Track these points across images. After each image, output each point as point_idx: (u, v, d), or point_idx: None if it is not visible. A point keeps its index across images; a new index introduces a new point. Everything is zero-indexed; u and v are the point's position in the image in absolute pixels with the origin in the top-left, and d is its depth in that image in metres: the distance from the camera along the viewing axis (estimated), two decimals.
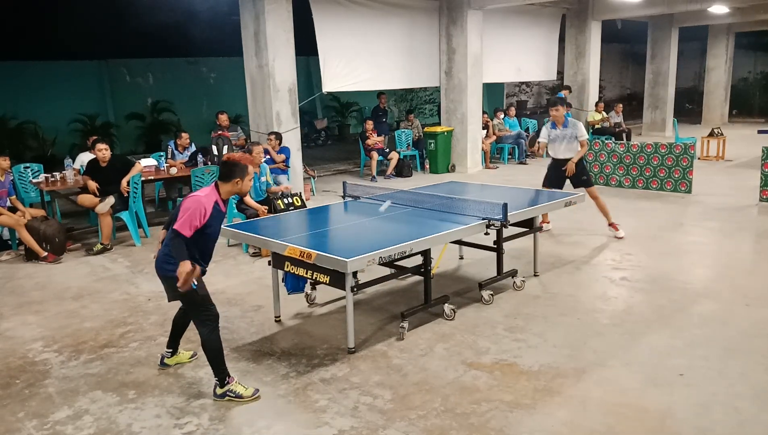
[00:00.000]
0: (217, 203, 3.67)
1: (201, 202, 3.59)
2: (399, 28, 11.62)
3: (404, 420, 3.48)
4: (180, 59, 16.74)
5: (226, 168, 3.77)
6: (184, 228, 3.52)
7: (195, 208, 3.55)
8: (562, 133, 7.16)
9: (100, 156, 7.30)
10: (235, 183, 3.73)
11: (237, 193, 3.81)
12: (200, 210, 3.57)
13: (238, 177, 3.72)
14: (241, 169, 3.74)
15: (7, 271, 6.62)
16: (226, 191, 3.76)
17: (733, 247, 6.73)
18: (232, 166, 3.74)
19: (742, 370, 3.93)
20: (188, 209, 3.56)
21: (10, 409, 3.76)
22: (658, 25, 17.45)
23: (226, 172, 3.75)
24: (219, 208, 3.70)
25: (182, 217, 3.55)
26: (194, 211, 3.55)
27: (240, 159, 3.76)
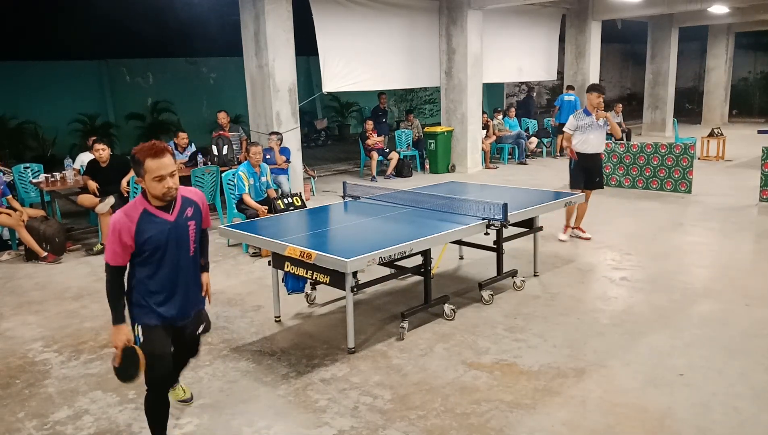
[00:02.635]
0: (147, 212, 2.89)
1: (120, 218, 2.84)
2: (399, 28, 11.63)
3: (404, 420, 3.48)
4: (180, 59, 16.74)
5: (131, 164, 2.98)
6: (107, 256, 2.87)
7: (111, 231, 2.84)
8: (597, 124, 6.80)
9: (99, 156, 7.31)
10: (140, 182, 2.89)
11: (151, 195, 2.88)
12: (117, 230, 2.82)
13: (138, 174, 2.87)
14: (136, 164, 2.84)
15: (7, 271, 6.62)
16: (148, 194, 2.91)
17: (733, 247, 6.73)
18: (131, 160, 2.89)
19: (742, 370, 3.93)
20: (109, 230, 2.88)
21: (10, 409, 3.76)
22: (658, 25, 17.45)
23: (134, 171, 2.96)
24: (152, 215, 2.90)
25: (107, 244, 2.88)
26: (111, 235, 2.84)
27: (135, 150, 2.85)
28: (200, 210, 3.10)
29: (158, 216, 2.91)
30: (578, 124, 6.81)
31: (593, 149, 6.85)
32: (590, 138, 6.78)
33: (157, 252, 2.91)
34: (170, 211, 2.94)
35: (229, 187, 7.35)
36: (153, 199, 2.89)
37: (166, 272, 2.98)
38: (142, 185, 2.88)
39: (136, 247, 2.86)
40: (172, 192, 2.88)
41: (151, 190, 2.85)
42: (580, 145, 6.87)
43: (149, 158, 2.79)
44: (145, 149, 2.82)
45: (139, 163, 2.81)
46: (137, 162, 2.82)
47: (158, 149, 2.81)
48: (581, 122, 6.79)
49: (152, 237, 2.87)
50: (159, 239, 2.89)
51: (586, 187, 6.97)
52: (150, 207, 2.90)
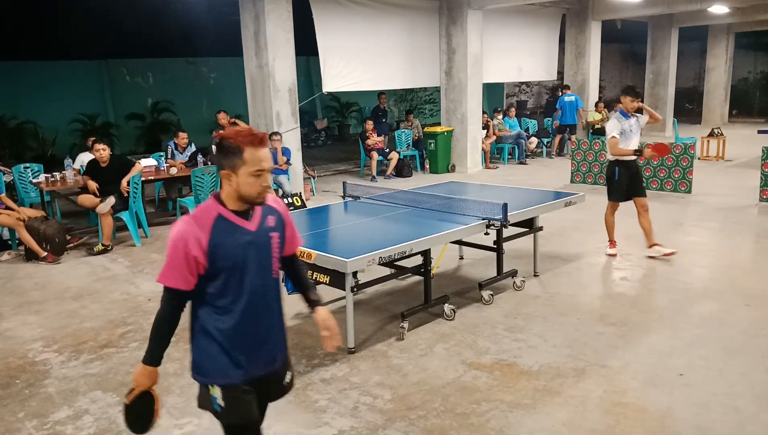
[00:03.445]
0: (222, 218, 2.20)
1: (185, 225, 2.17)
2: (399, 28, 11.63)
3: (404, 420, 3.48)
4: (180, 59, 16.75)
5: (214, 155, 2.37)
6: (164, 277, 2.20)
7: (172, 245, 2.17)
8: (637, 124, 6.19)
9: (99, 156, 7.30)
10: (226, 177, 2.18)
11: (238, 195, 2.19)
12: (183, 240, 2.15)
13: (227, 167, 2.16)
14: (229, 152, 2.15)
15: (7, 271, 6.62)
16: (228, 194, 2.21)
17: (733, 247, 6.73)
18: (218, 149, 2.20)
19: (742, 370, 3.93)
20: (168, 246, 2.21)
21: (10, 409, 3.76)
22: (658, 25, 17.45)
23: (216, 165, 2.39)
24: (229, 222, 2.20)
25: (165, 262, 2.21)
26: (172, 250, 2.17)
27: (229, 135, 2.17)
28: (283, 220, 2.38)
29: (237, 224, 2.20)
30: (623, 128, 6.11)
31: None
32: (631, 143, 6.16)
33: (235, 273, 2.20)
34: (249, 217, 2.24)
35: None
36: (234, 201, 2.20)
37: (247, 302, 2.24)
38: (227, 181, 2.18)
39: (208, 264, 2.16)
40: (267, 192, 2.24)
41: (243, 188, 2.16)
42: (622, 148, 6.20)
43: (251, 147, 2.13)
44: (245, 135, 2.15)
45: (236, 152, 2.13)
46: (233, 150, 2.13)
47: (261, 136, 2.18)
48: (624, 125, 6.12)
49: (230, 252, 2.17)
50: (237, 255, 2.19)
51: (636, 195, 6.27)
52: (226, 211, 2.20)
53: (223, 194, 2.22)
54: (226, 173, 2.17)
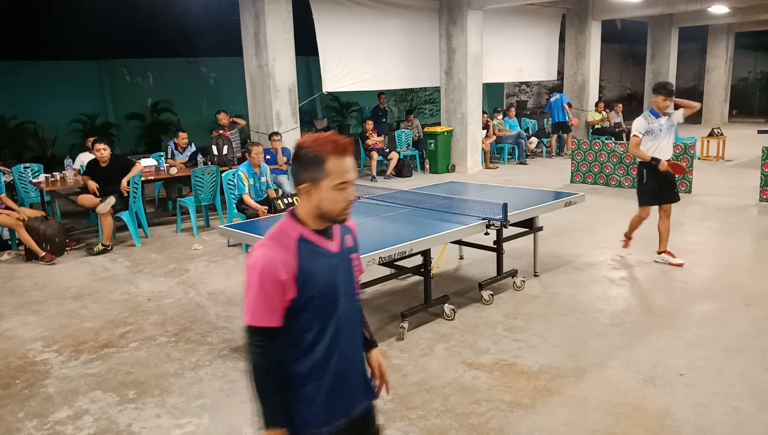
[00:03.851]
0: (304, 239, 1.91)
1: (268, 249, 1.86)
2: (399, 28, 11.63)
3: (404, 420, 3.48)
4: (180, 59, 16.74)
5: (291, 167, 1.98)
6: (255, 316, 1.85)
7: (258, 273, 1.83)
8: (667, 124, 5.82)
9: (99, 156, 7.30)
10: (306, 191, 1.89)
11: (320, 212, 1.90)
12: (270, 267, 1.83)
13: (307, 180, 1.88)
14: (310, 163, 1.87)
15: (7, 271, 6.62)
16: (308, 211, 1.92)
17: (733, 247, 6.73)
18: (296, 159, 1.91)
19: (742, 370, 3.93)
20: (250, 278, 1.86)
21: (10, 409, 3.76)
22: (658, 25, 17.46)
23: (293, 178, 1.97)
24: (312, 244, 1.92)
25: (246, 300, 1.87)
26: (260, 279, 1.83)
27: (309, 143, 1.88)
28: (356, 239, 2.11)
29: (320, 245, 1.93)
30: (650, 127, 5.79)
31: (666, 155, 5.86)
32: (663, 143, 5.81)
33: (323, 303, 1.91)
34: (331, 237, 1.97)
35: (229, 187, 7.36)
36: (314, 219, 1.92)
37: (335, 337, 1.95)
38: (307, 196, 1.89)
39: (297, 294, 1.85)
40: (352, 208, 1.96)
41: (325, 203, 1.88)
42: (653, 154, 5.83)
43: (334, 156, 1.85)
44: (328, 142, 1.86)
45: (317, 163, 1.85)
46: (313, 160, 1.85)
47: (346, 144, 1.88)
48: (653, 125, 5.78)
49: (318, 277, 1.88)
50: (326, 281, 1.91)
51: (663, 201, 6.02)
52: (307, 231, 1.92)
53: (300, 211, 1.93)
54: (306, 187, 1.88)
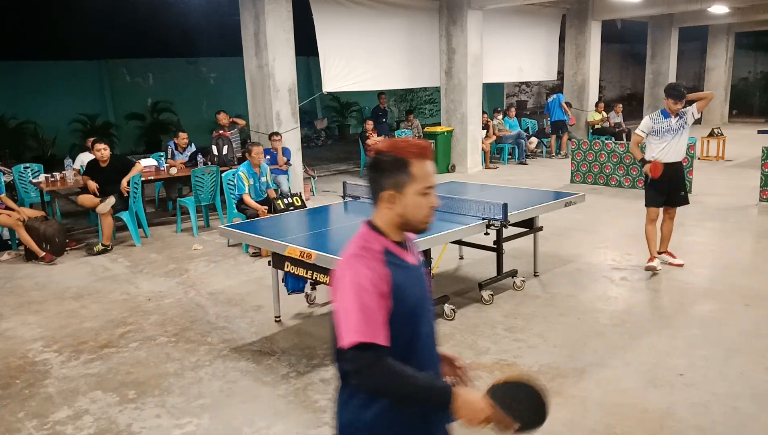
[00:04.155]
0: (388, 252, 1.77)
1: (361, 261, 1.72)
2: (399, 28, 11.63)
3: None
4: (180, 59, 16.75)
5: (369, 174, 1.81)
6: (361, 332, 1.62)
7: (356, 286, 1.66)
8: (677, 125, 5.63)
9: (99, 156, 7.30)
10: (390, 199, 1.76)
11: (403, 220, 1.78)
12: (368, 279, 1.67)
13: (389, 187, 1.76)
14: (393, 167, 1.76)
15: (7, 271, 6.62)
16: (389, 220, 1.80)
17: (733, 247, 6.73)
18: (376, 166, 1.79)
19: (742, 370, 3.93)
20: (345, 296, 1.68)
21: (10, 409, 3.76)
22: (658, 25, 17.46)
23: (371, 186, 1.82)
24: (396, 256, 1.78)
25: (343, 320, 1.66)
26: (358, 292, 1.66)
27: (389, 147, 1.78)
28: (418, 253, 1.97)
29: (402, 258, 1.80)
30: (655, 128, 5.66)
31: (674, 157, 5.69)
32: (671, 144, 5.65)
33: (412, 320, 1.77)
34: (408, 249, 1.86)
35: (229, 187, 7.36)
36: (394, 229, 1.80)
37: (420, 355, 1.80)
38: (389, 205, 1.77)
39: (393, 309, 1.70)
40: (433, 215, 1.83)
41: (410, 211, 1.77)
42: (659, 154, 5.69)
43: (418, 159, 1.75)
44: (410, 145, 1.77)
45: (401, 167, 1.74)
46: (397, 165, 1.74)
47: (428, 146, 1.81)
48: (659, 125, 5.64)
49: (408, 292, 1.75)
50: (413, 297, 1.78)
51: (669, 204, 5.88)
52: (390, 243, 1.79)
53: (379, 222, 1.80)
54: (389, 195, 1.76)
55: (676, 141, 5.65)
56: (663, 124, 5.65)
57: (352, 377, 1.67)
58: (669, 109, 5.64)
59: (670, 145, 5.65)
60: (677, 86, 5.72)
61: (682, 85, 5.79)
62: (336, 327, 1.67)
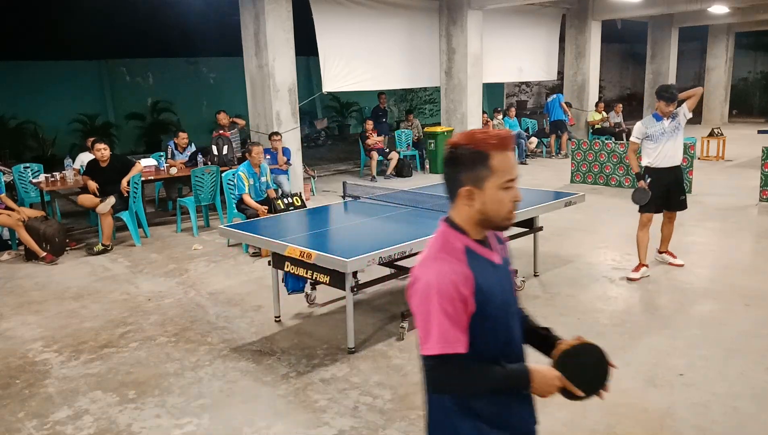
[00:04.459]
0: (470, 251, 1.69)
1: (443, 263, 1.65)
2: (399, 28, 11.63)
3: (404, 420, 3.48)
4: (180, 59, 16.76)
5: (445, 169, 1.75)
6: (443, 343, 1.60)
7: (437, 291, 1.60)
8: (671, 127, 5.52)
9: (99, 156, 7.30)
10: (469, 195, 1.67)
11: (484, 217, 1.69)
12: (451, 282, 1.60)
13: (468, 182, 1.67)
14: (471, 161, 1.66)
15: (7, 271, 6.62)
16: (468, 218, 1.71)
17: (733, 247, 6.73)
18: (453, 160, 1.70)
19: (741, 370, 3.93)
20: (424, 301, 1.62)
21: (10, 409, 3.76)
22: (658, 25, 17.45)
23: (447, 182, 1.74)
24: (479, 256, 1.70)
25: (422, 327, 1.63)
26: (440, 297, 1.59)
27: (466, 139, 1.68)
28: (509, 251, 1.90)
29: (486, 257, 1.73)
30: (648, 132, 5.59)
31: (671, 161, 5.59)
32: (666, 146, 5.55)
33: (498, 323, 1.71)
34: (491, 247, 1.77)
35: (229, 187, 7.36)
36: (474, 226, 1.71)
37: (507, 354, 1.76)
38: (468, 201, 1.68)
39: (476, 313, 1.65)
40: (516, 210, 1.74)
41: (491, 207, 1.67)
42: (655, 159, 5.60)
43: (499, 151, 1.65)
44: (489, 136, 1.66)
45: (481, 160, 1.64)
46: (475, 157, 1.65)
47: (508, 136, 1.70)
48: (652, 129, 5.56)
49: (493, 293, 1.68)
50: (499, 298, 1.71)
51: (668, 208, 5.80)
52: (471, 241, 1.71)
53: (458, 219, 1.71)
54: (468, 190, 1.67)
55: (671, 143, 5.56)
56: (656, 127, 5.56)
57: (432, 385, 1.69)
58: (661, 111, 5.55)
59: (666, 148, 5.55)
60: (669, 88, 5.62)
61: (674, 86, 5.70)
62: (418, 331, 1.64)
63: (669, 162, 5.58)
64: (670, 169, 5.61)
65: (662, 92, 5.55)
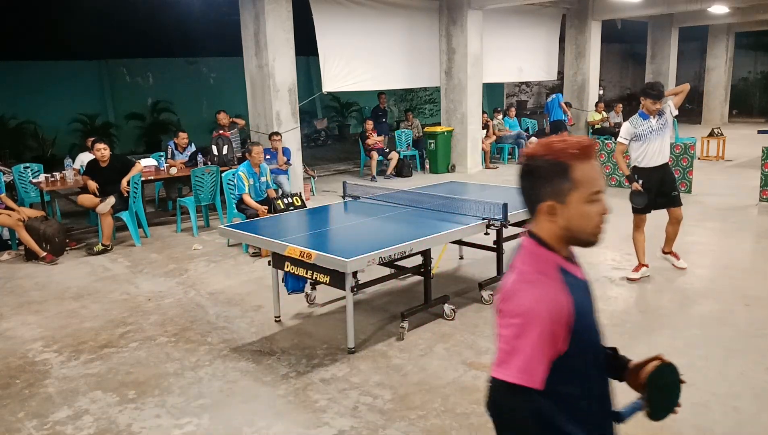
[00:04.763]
0: (563, 270, 1.57)
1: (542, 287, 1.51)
2: (399, 28, 11.63)
3: (404, 420, 3.48)
4: (180, 59, 16.75)
5: (522, 183, 1.67)
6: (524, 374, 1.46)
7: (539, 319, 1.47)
8: (658, 125, 5.47)
9: (99, 155, 7.31)
10: (550, 211, 1.56)
11: (569, 234, 1.57)
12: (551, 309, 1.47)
13: (548, 197, 1.55)
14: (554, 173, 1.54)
15: (7, 271, 6.62)
16: (552, 234, 1.59)
17: (733, 247, 6.73)
18: (530, 173, 1.62)
19: (742, 370, 3.93)
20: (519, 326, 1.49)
21: (10, 409, 3.76)
22: (658, 25, 17.45)
23: (526, 196, 1.67)
24: (570, 275, 1.58)
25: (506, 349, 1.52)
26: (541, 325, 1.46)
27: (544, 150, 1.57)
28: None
29: (575, 275, 1.61)
30: (637, 132, 5.49)
31: (659, 160, 5.53)
32: (654, 145, 5.49)
33: (588, 340, 1.58)
34: (576, 262, 1.66)
35: (229, 187, 7.36)
36: (560, 243, 1.59)
37: (598, 387, 1.70)
38: (551, 217, 1.56)
39: (570, 340, 1.50)
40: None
41: (576, 222, 1.55)
42: (642, 159, 5.53)
43: (581, 161, 1.52)
44: (569, 145, 1.53)
45: (562, 172, 1.52)
46: (556, 170, 1.52)
47: (591, 144, 1.56)
48: (640, 128, 5.48)
49: (587, 317, 1.58)
50: (589, 316, 1.60)
51: (663, 206, 5.67)
52: (562, 260, 1.59)
53: (544, 235, 1.59)
54: (549, 206, 1.55)
55: (659, 142, 5.50)
56: (644, 126, 5.49)
57: (495, 412, 1.54)
58: (647, 110, 5.49)
59: (653, 146, 5.49)
60: (655, 85, 5.58)
61: (660, 84, 5.66)
62: (498, 350, 1.52)
63: (657, 160, 5.54)
64: (658, 167, 5.57)
65: (649, 90, 5.51)
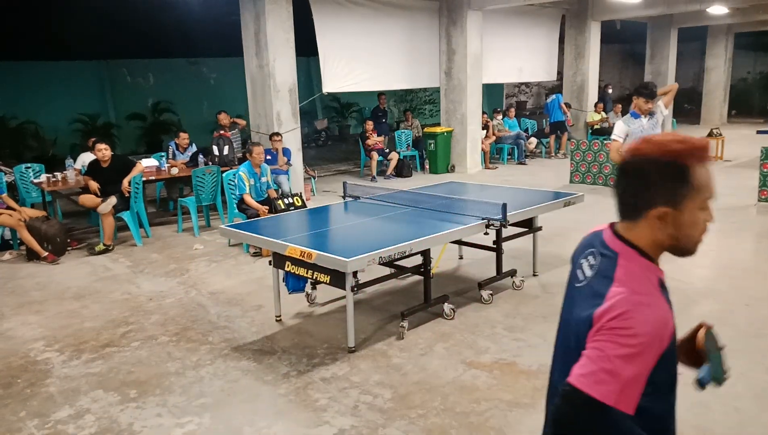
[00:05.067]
0: (662, 282, 1.52)
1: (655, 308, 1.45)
2: (399, 28, 11.64)
3: (404, 419, 3.49)
4: (180, 59, 16.77)
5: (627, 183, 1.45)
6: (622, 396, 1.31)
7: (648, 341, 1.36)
8: (649, 125, 5.52)
9: (100, 156, 7.32)
10: (662, 217, 1.40)
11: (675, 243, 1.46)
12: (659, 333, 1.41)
13: (662, 203, 1.39)
14: (671, 175, 1.38)
15: (8, 271, 6.64)
16: (654, 242, 1.45)
17: (733, 247, 6.74)
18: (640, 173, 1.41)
19: (742, 370, 3.94)
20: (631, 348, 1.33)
21: (12, 409, 3.77)
22: (658, 25, 17.46)
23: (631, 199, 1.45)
24: (666, 289, 1.54)
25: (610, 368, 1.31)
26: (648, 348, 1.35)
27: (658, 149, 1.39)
28: None
29: (667, 287, 1.53)
30: (629, 130, 5.54)
31: None
32: None
33: (675, 363, 1.53)
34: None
35: (230, 187, 7.37)
36: (659, 251, 1.47)
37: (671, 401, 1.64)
38: (661, 224, 1.41)
39: (661, 357, 1.39)
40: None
41: (686, 231, 1.43)
42: None
43: (701, 163, 1.40)
44: (689, 146, 1.38)
45: (680, 175, 1.37)
46: (674, 172, 1.37)
47: (706, 145, 1.43)
48: (633, 127, 5.52)
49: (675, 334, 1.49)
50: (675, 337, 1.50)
51: None
52: (660, 272, 1.49)
53: (643, 242, 1.43)
54: (663, 212, 1.38)
55: None
56: (636, 125, 5.54)
57: (564, 422, 1.34)
58: (639, 109, 5.53)
59: None
60: (648, 85, 5.66)
61: (653, 84, 5.69)
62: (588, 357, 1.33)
63: None
64: None
65: (642, 89, 5.58)
